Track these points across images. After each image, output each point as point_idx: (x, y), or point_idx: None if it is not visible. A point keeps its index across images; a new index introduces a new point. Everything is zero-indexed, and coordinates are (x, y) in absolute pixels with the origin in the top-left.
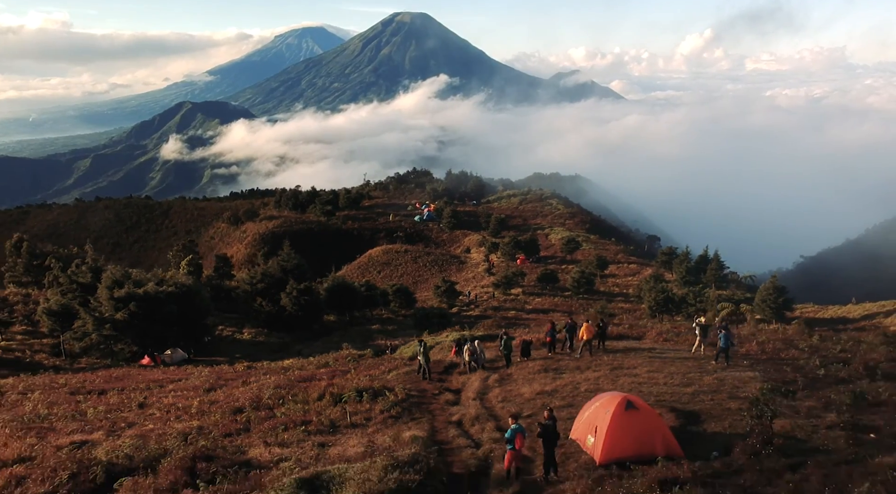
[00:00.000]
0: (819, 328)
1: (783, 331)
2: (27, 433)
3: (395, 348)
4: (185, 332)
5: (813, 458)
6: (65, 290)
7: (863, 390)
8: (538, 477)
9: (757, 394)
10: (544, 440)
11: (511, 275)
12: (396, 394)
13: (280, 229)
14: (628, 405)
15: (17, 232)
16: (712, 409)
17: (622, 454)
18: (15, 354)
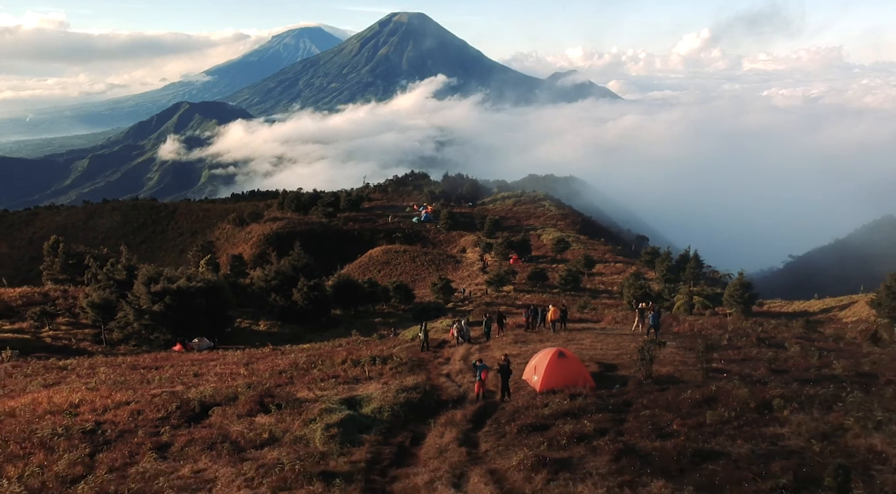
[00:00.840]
0: (778, 319)
1: (722, 318)
2: (121, 388)
3: (397, 332)
4: (211, 323)
5: (675, 385)
6: (103, 286)
7: (713, 344)
8: (497, 400)
9: (642, 346)
10: (502, 375)
11: (503, 273)
12: (401, 359)
13: (284, 230)
14: (560, 355)
15: (26, 233)
16: (627, 363)
17: (554, 385)
18: (62, 342)
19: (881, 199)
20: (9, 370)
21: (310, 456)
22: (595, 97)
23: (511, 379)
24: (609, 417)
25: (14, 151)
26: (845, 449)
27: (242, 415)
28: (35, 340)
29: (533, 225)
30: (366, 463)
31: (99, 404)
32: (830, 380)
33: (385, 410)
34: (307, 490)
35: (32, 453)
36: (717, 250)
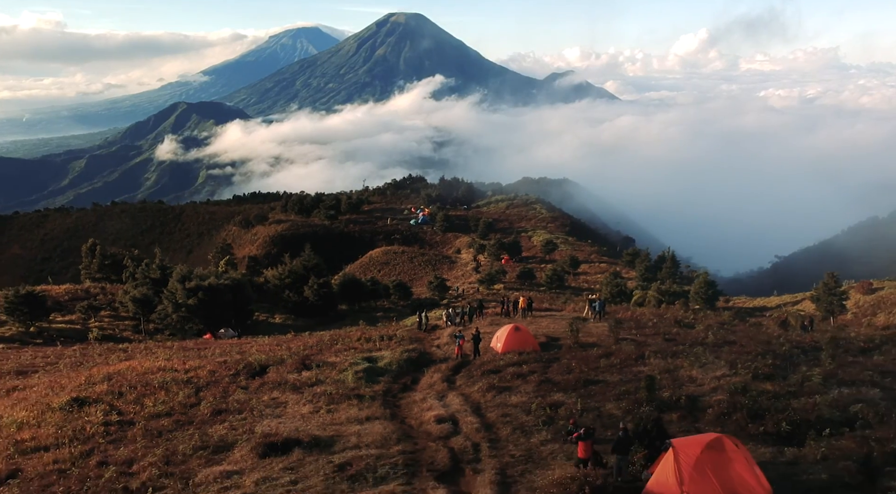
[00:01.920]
0: (730, 311)
1: (666, 310)
2: (190, 358)
3: (398, 320)
4: (235, 315)
5: (592, 347)
6: (139, 283)
7: (642, 324)
8: (470, 359)
9: (571, 322)
10: (474, 341)
11: (494, 273)
12: (403, 336)
13: (288, 231)
14: (516, 329)
15: (37, 234)
16: (566, 335)
17: (510, 349)
18: (107, 332)
19: (874, 200)
20: (83, 350)
21: (346, 388)
22: (592, 98)
23: (480, 345)
24: (541, 366)
25: (11, 151)
26: (676, 377)
27: (291, 371)
28: (84, 330)
29: (524, 227)
30: (382, 392)
31: (180, 367)
32: (700, 344)
33: (393, 364)
34: (347, 404)
35: (155, 392)
36: (709, 251)
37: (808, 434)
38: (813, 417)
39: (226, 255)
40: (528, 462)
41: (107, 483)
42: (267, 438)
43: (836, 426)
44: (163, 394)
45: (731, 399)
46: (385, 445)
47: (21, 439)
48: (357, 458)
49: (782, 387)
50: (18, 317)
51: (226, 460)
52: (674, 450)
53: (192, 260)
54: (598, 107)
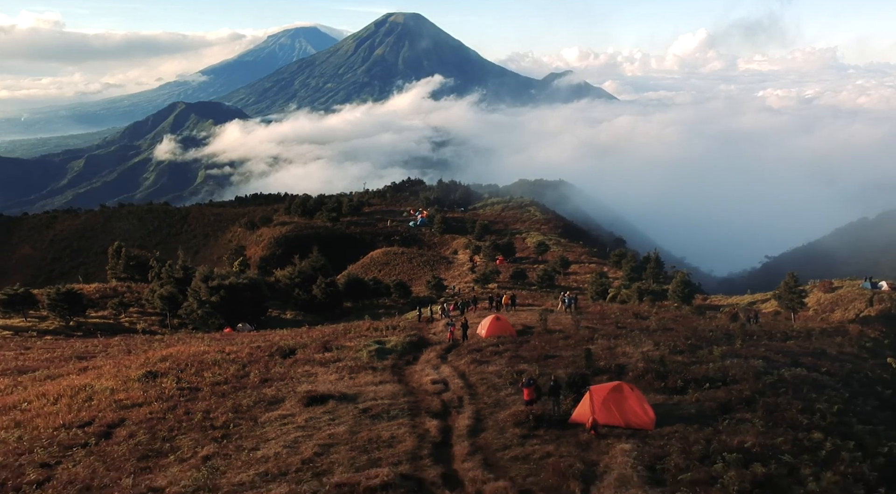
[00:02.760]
0: (711, 310)
1: (634, 305)
2: (226, 345)
3: (400, 316)
4: (252, 311)
5: (558, 333)
6: (164, 282)
7: (606, 316)
8: (460, 341)
9: (540, 313)
10: (463, 328)
11: (489, 272)
12: (405, 326)
13: (292, 233)
14: (497, 318)
15: (47, 235)
16: (538, 324)
17: (492, 334)
18: (136, 326)
19: (869, 200)
20: (125, 340)
21: (362, 363)
22: (590, 98)
23: (468, 332)
24: (514, 346)
25: (9, 150)
26: (613, 352)
27: (315, 353)
28: (116, 324)
29: (519, 229)
30: (390, 365)
31: (224, 350)
32: (642, 330)
33: (398, 346)
34: (364, 373)
35: (209, 368)
36: (704, 251)
37: (692, 387)
38: (700, 377)
39: (239, 256)
40: (496, 407)
41: (197, 424)
42: (308, 393)
43: (714, 382)
44: (216, 369)
45: (646, 366)
46: (395, 398)
47: (118, 398)
48: (375, 405)
49: (689, 358)
50: (59, 312)
51: (279, 408)
52: (590, 393)
53: (198, 260)
54: (596, 107)
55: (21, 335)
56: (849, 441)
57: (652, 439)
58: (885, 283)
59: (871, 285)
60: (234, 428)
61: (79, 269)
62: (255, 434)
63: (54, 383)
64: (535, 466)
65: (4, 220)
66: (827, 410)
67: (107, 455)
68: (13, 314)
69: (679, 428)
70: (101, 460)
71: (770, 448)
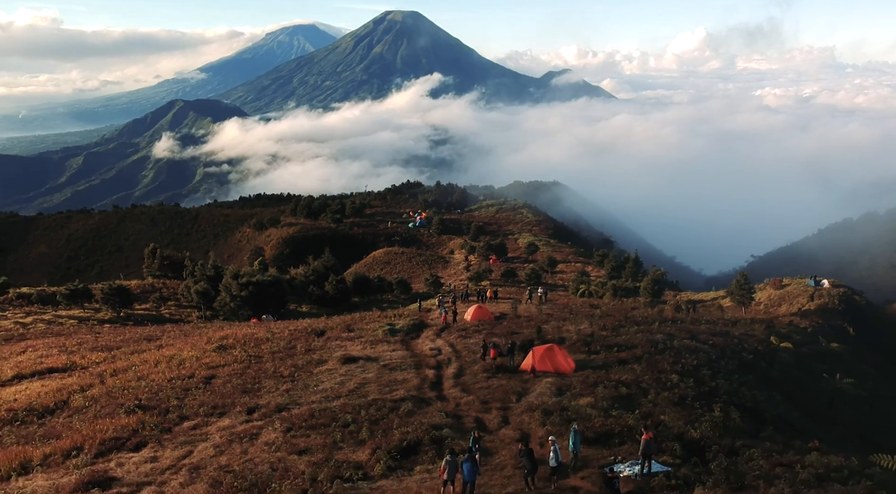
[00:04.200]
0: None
1: (595, 300)
2: (264, 329)
3: (403, 307)
4: (275, 305)
5: (525, 318)
6: (197, 279)
7: (570, 307)
8: (451, 323)
9: (513, 303)
10: (453, 314)
11: (482, 271)
12: (409, 314)
13: (299, 234)
14: (480, 307)
15: (62, 234)
16: (510, 312)
17: (476, 318)
18: (175, 317)
19: (863, 200)
20: (177, 327)
21: (378, 338)
22: (588, 96)
23: (457, 317)
24: (490, 326)
25: (7, 148)
26: (559, 329)
27: (341, 332)
28: (158, 315)
29: (511, 230)
30: (400, 339)
31: (272, 331)
32: (587, 316)
33: (405, 327)
34: (381, 345)
35: (264, 343)
36: (695, 250)
37: (605, 350)
38: (613, 344)
39: (259, 256)
40: (472, 363)
41: (270, 374)
42: (344, 356)
43: (621, 348)
44: (269, 344)
45: (578, 338)
46: (404, 359)
47: (204, 362)
48: (391, 363)
49: (611, 333)
50: (111, 305)
51: (325, 366)
52: (532, 351)
53: (206, 260)
54: (594, 105)
55: (84, 324)
56: (689, 378)
57: (568, 377)
58: (826, 281)
59: (815, 283)
60: (297, 376)
61: (94, 267)
62: (313, 379)
63: (143, 355)
64: (492, 390)
65: (20, 220)
66: (688, 363)
67: (216, 391)
68: (73, 306)
69: (587, 372)
70: (215, 393)
71: (637, 381)
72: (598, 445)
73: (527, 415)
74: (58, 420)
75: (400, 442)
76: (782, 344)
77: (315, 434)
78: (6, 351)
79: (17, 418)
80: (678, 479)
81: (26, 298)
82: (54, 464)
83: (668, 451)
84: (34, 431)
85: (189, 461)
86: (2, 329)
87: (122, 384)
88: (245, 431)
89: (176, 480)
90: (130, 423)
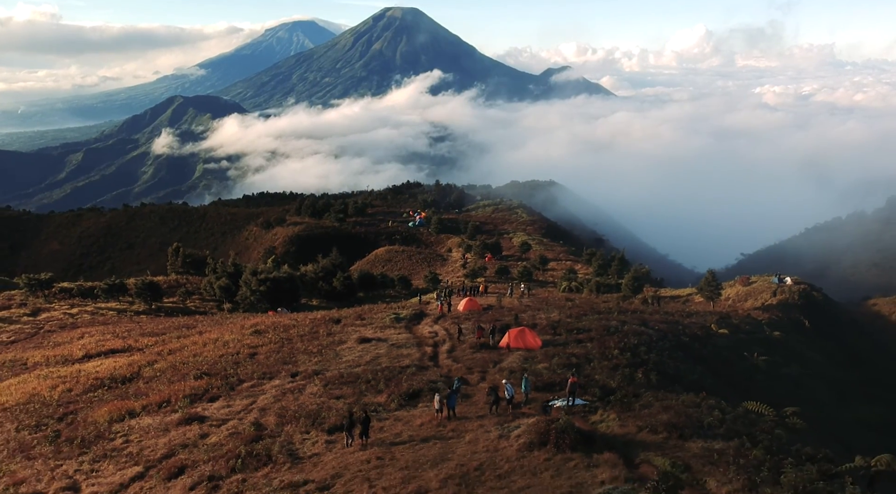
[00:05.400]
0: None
1: (573, 294)
2: (286, 319)
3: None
4: (289, 298)
5: (508, 308)
6: (219, 275)
7: (548, 301)
8: (446, 312)
9: (497, 297)
10: (448, 305)
11: (477, 268)
12: (410, 307)
13: (304, 232)
14: (470, 299)
15: (74, 232)
16: (496, 303)
17: (467, 309)
18: (200, 309)
19: (859, 198)
20: (207, 318)
21: (386, 324)
22: (588, 93)
23: (452, 307)
24: (478, 315)
25: (7, 143)
26: (534, 316)
27: (354, 321)
28: (184, 308)
29: (506, 230)
30: (404, 325)
31: (296, 319)
32: (559, 307)
33: (408, 315)
34: (388, 329)
35: (290, 328)
36: (689, 248)
37: (566, 332)
38: (574, 328)
39: (271, 255)
40: (462, 343)
41: (302, 350)
42: (359, 337)
43: (581, 331)
44: (295, 329)
45: (547, 323)
46: (408, 340)
47: (245, 343)
48: (398, 342)
49: (575, 320)
50: (144, 298)
51: (345, 345)
52: (508, 333)
53: (217, 256)
54: (593, 103)
55: (122, 314)
56: (628, 353)
57: (534, 352)
58: (789, 279)
59: (778, 281)
60: (324, 352)
61: (106, 263)
62: (337, 355)
63: (189, 339)
64: (476, 361)
65: (33, 217)
66: (631, 342)
67: (261, 363)
68: (110, 299)
69: (549, 348)
70: (260, 364)
71: (585, 354)
72: (544, 391)
73: (498, 374)
74: (138, 386)
75: (407, 390)
76: (720, 331)
77: (346, 387)
78: (66, 336)
79: (104, 384)
80: (590, 408)
81: (68, 292)
82: (152, 412)
83: (591, 393)
84: (125, 391)
85: (255, 405)
86: (54, 319)
87: (181, 359)
88: (293, 387)
89: (250, 416)
90: (200, 385)
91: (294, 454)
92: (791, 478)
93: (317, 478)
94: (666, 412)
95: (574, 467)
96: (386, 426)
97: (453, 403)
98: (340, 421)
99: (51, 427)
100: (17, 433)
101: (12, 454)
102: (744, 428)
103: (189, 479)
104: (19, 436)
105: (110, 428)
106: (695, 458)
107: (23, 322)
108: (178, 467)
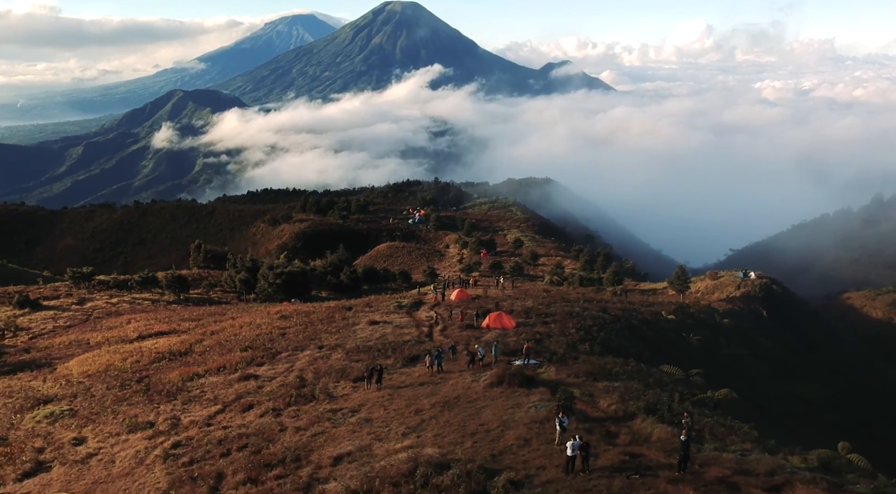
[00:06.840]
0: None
1: (561, 288)
2: (303, 307)
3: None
4: (301, 291)
5: (493, 298)
6: (239, 269)
7: (529, 293)
8: (440, 301)
9: (484, 288)
10: (442, 294)
11: (472, 264)
12: (411, 297)
13: (309, 229)
14: (461, 290)
15: (87, 227)
16: (482, 293)
17: (458, 298)
18: (223, 299)
19: (854, 194)
20: (233, 306)
21: (390, 311)
22: (588, 88)
23: (446, 296)
24: (467, 303)
25: (6, 137)
26: (512, 305)
27: (364, 308)
28: (209, 298)
29: (501, 227)
30: (405, 311)
31: (312, 308)
32: (534, 297)
33: (408, 304)
34: (392, 314)
35: (310, 314)
36: (683, 244)
37: (536, 316)
38: (543, 312)
39: (284, 251)
40: (453, 324)
41: (323, 330)
42: (369, 321)
43: (548, 315)
44: (315, 315)
45: (522, 309)
46: (408, 322)
47: (275, 325)
48: (400, 324)
49: (545, 307)
50: (173, 289)
51: (358, 326)
52: (489, 316)
53: (227, 252)
54: (593, 97)
55: (156, 304)
56: (582, 331)
57: (508, 331)
58: (753, 273)
59: (743, 275)
60: (341, 331)
61: (119, 258)
62: (352, 333)
63: (225, 323)
64: (461, 337)
65: (47, 213)
66: (587, 324)
67: (291, 340)
68: (143, 290)
69: (520, 328)
70: (291, 340)
71: (547, 333)
72: (510, 356)
73: (477, 345)
74: (195, 357)
75: (408, 356)
76: (669, 317)
77: (362, 354)
78: (115, 322)
79: (165, 357)
80: (539, 365)
81: (105, 284)
82: (213, 375)
83: (543, 357)
84: (185, 361)
85: (295, 367)
86: (99, 307)
87: (224, 338)
88: (321, 355)
89: (292, 374)
90: (247, 355)
91: (330, 394)
92: (649, 397)
93: (348, 407)
94: (590, 366)
95: (518, 395)
96: (393, 378)
97: (439, 360)
98: (362, 374)
99: (133, 388)
100: (109, 390)
101: (116, 401)
102: (640, 377)
103: (258, 410)
104: (112, 393)
105: (185, 385)
106: (598, 390)
107: (73, 310)
108: (247, 404)
